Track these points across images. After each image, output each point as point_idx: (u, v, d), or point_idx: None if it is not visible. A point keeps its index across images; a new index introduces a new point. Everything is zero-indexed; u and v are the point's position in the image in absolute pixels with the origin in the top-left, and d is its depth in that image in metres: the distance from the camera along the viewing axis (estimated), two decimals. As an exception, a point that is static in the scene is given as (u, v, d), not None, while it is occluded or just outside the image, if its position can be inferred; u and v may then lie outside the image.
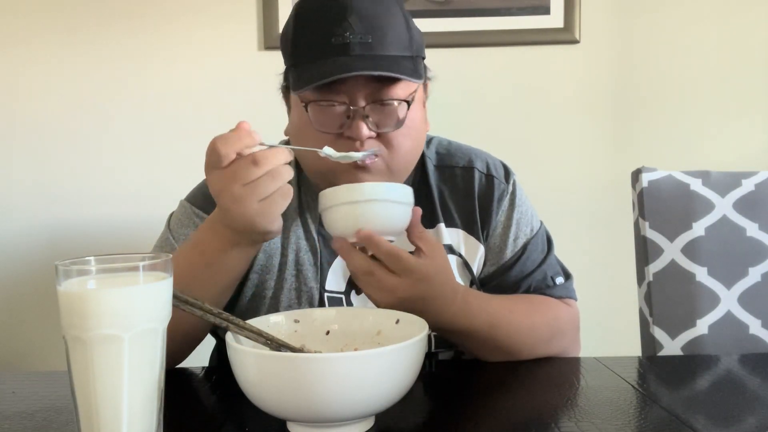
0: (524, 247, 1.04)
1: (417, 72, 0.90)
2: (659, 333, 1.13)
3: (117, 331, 0.57)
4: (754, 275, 1.12)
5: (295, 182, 1.00)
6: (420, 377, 0.71)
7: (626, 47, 1.75)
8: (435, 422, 0.76)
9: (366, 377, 0.64)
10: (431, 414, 0.80)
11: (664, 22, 1.74)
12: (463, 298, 0.88)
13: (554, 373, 0.92)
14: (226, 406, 0.80)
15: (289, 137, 1.00)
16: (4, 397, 0.83)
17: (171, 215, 1.04)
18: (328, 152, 0.86)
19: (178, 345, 0.89)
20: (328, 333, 0.82)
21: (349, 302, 1.00)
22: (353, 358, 0.65)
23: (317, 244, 1.00)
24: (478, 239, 1.03)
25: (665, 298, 1.13)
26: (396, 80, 0.89)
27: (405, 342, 0.67)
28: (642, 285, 1.18)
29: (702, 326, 1.11)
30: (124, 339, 0.57)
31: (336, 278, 1.01)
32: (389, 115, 0.91)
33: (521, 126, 1.77)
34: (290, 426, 0.70)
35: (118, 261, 0.62)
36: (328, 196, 0.83)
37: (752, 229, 1.14)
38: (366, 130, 0.89)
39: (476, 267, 1.04)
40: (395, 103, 0.90)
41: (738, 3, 1.73)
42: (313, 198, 0.89)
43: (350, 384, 0.64)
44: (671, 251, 1.14)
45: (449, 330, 0.89)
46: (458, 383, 0.89)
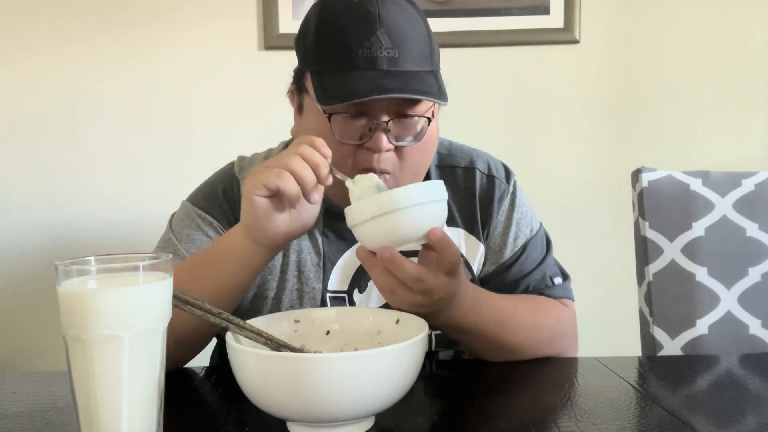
0: (524, 247, 1.04)
1: (442, 92, 0.89)
2: (659, 333, 1.13)
3: (117, 331, 0.57)
4: (754, 275, 1.13)
5: None
6: (420, 377, 0.71)
7: (626, 47, 1.75)
8: (435, 422, 0.76)
9: (366, 377, 0.64)
10: (431, 414, 0.80)
11: (664, 22, 1.74)
12: (473, 294, 0.88)
13: (554, 373, 0.92)
14: (227, 406, 0.80)
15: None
16: (4, 397, 0.83)
17: (173, 216, 1.04)
18: (348, 183, 0.81)
19: (180, 350, 0.89)
20: (328, 333, 0.82)
21: (352, 301, 1.00)
22: (353, 358, 0.65)
23: (320, 245, 1.00)
24: (479, 239, 1.04)
25: (665, 298, 1.14)
26: (420, 99, 0.89)
27: (405, 342, 0.67)
28: (642, 285, 1.18)
29: (702, 326, 1.11)
30: (124, 339, 0.57)
31: (339, 278, 1.01)
32: (409, 129, 0.91)
33: (521, 126, 1.77)
34: (290, 426, 0.70)
35: (118, 261, 0.62)
36: (356, 212, 0.76)
37: (752, 229, 1.14)
38: (386, 143, 0.89)
39: (476, 266, 1.04)
40: (416, 118, 0.91)
41: (737, 3, 1.73)
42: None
43: (350, 384, 0.64)
44: (671, 251, 1.14)
45: (458, 327, 0.89)
46: (458, 383, 0.89)
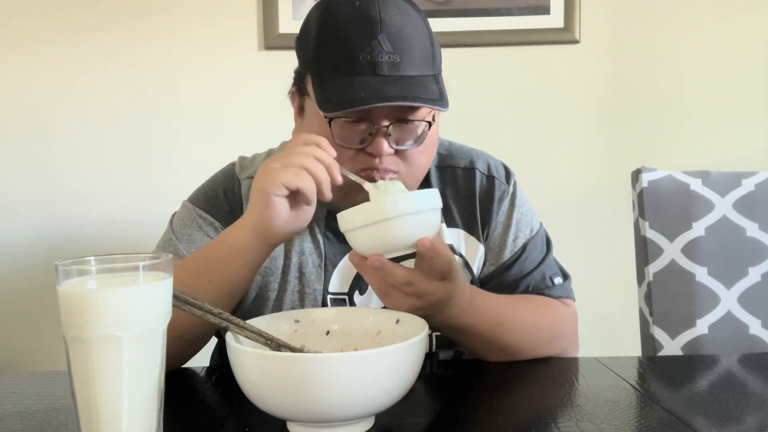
0: (524, 247, 1.04)
1: (443, 98, 0.89)
2: (659, 333, 1.13)
3: (117, 331, 0.57)
4: (754, 275, 1.13)
5: None
6: (420, 377, 0.71)
7: (626, 47, 1.75)
8: (435, 422, 0.76)
9: (366, 377, 0.64)
10: (431, 414, 0.80)
11: (664, 22, 1.74)
12: (471, 295, 0.89)
13: (554, 373, 0.92)
14: (227, 406, 0.80)
15: None
16: (4, 397, 0.83)
17: (173, 216, 1.04)
18: (368, 187, 0.83)
19: (180, 348, 0.89)
20: (328, 333, 0.82)
21: (352, 303, 1.00)
22: (353, 358, 0.65)
23: (322, 247, 1.00)
24: (479, 239, 1.04)
25: (665, 298, 1.14)
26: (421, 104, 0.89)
27: (405, 342, 0.67)
28: (642, 285, 1.18)
29: (702, 326, 1.11)
30: (124, 339, 0.57)
31: (340, 279, 1.01)
32: (410, 133, 0.91)
33: (521, 126, 1.77)
34: (290, 426, 0.70)
35: (118, 261, 0.62)
36: (349, 218, 0.77)
37: (752, 229, 1.14)
38: (387, 147, 0.89)
39: (476, 267, 1.04)
40: (416, 124, 0.91)
41: (738, 4, 1.73)
42: (319, 201, 0.89)
43: (350, 384, 0.64)
44: (671, 251, 1.14)
45: (455, 327, 0.89)
46: (458, 383, 0.89)
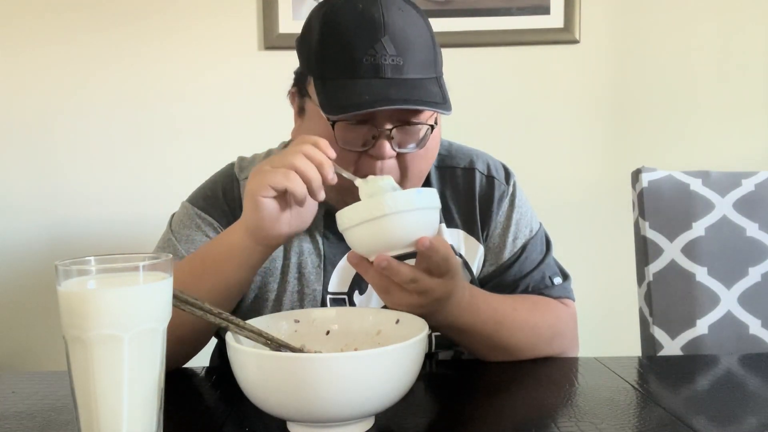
0: (523, 248, 1.04)
1: (446, 101, 0.89)
2: (659, 333, 1.13)
3: (117, 331, 0.57)
4: (754, 275, 1.13)
5: None
6: (420, 377, 0.71)
7: (626, 47, 1.75)
8: (435, 422, 0.76)
9: (366, 377, 0.64)
10: (431, 414, 0.80)
11: (664, 22, 1.74)
12: (470, 294, 0.89)
13: (554, 373, 0.92)
14: (227, 406, 0.80)
15: None
16: (4, 397, 0.83)
17: (173, 216, 1.04)
18: (358, 183, 0.82)
19: (180, 349, 0.89)
20: (328, 333, 0.82)
21: (352, 303, 1.00)
22: (353, 358, 0.65)
23: (321, 247, 1.00)
24: (478, 240, 1.04)
25: (665, 298, 1.14)
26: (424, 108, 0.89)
27: (405, 342, 0.67)
28: (642, 285, 1.18)
29: (702, 326, 1.11)
30: (124, 339, 0.57)
31: (340, 279, 1.01)
32: (412, 136, 0.91)
33: (521, 126, 1.77)
34: (290, 426, 0.70)
35: (118, 261, 0.62)
36: (347, 216, 0.77)
37: (752, 229, 1.14)
38: (390, 150, 0.89)
39: (476, 267, 1.04)
40: (419, 125, 0.91)
41: (738, 3, 1.73)
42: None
43: (350, 384, 0.64)
44: (671, 251, 1.14)
45: (455, 327, 0.89)
46: (458, 383, 0.89)
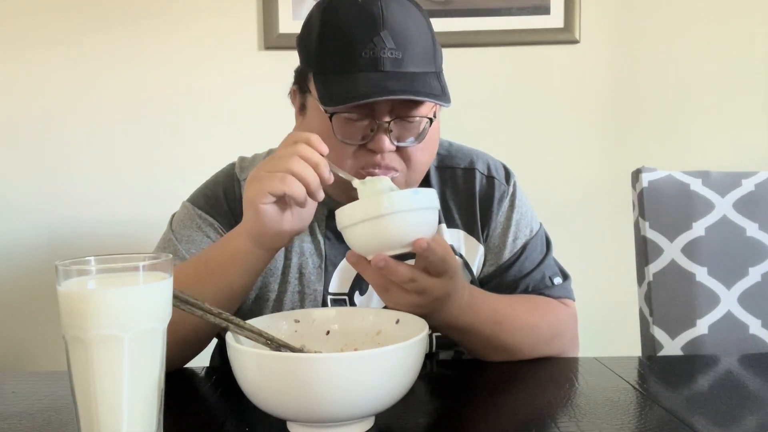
0: (523, 248, 1.04)
1: (445, 93, 0.89)
2: (659, 333, 1.13)
3: (117, 331, 0.57)
4: (754, 275, 1.12)
5: None
6: (420, 377, 0.71)
7: (626, 47, 1.75)
8: (435, 422, 0.76)
9: (366, 377, 0.64)
10: (431, 414, 0.79)
11: (664, 22, 1.74)
12: (470, 294, 0.89)
13: (554, 373, 0.92)
14: (227, 406, 0.80)
15: None
16: (4, 397, 0.83)
17: (173, 216, 1.04)
18: (356, 183, 0.82)
19: (180, 350, 0.89)
20: (328, 333, 0.82)
21: (353, 303, 1.00)
22: (353, 358, 0.65)
23: (322, 247, 1.00)
24: (478, 240, 1.04)
25: (665, 298, 1.13)
26: (422, 101, 0.89)
27: (405, 342, 0.67)
28: (642, 285, 1.18)
29: (702, 326, 1.11)
30: (124, 339, 0.57)
31: (340, 280, 1.01)
32: (411, 130, 0.91)
33: (521, 126, 1.77)
34: (290, 426, 0.70)
35: (118, 261, 0.62)
36: (346, 214, 0.77)
37: (752, 229, 1.14)
38: (389, 144, 0.89)
39: (476, 268, 1.04)
40: (417, 120, 0.91)
41: (738, 3, 1.73)
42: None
43: (350, 384, 0.64)
44: (671, 251, 1.14)
45: (455, 326, 0.89)
46: (458, 383, 0.89)
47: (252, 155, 1.08)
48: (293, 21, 1.70)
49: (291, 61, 0.98)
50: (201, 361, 0.98)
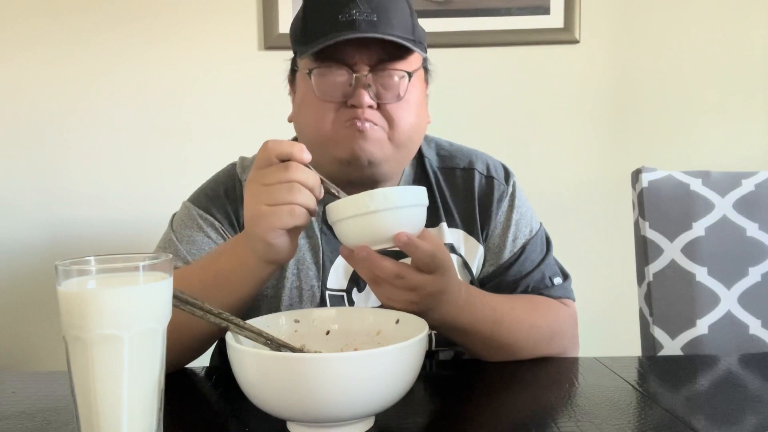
0: (523, 248, 1.04)
1: (421, 44, 0.93)
2: (659, 333, 1.13)
3: (117, 331, 0.57)
4: (754, 275, 1.13)
5: None
6: (420, 377, 0.71)
7: (626, 47, 1.75)
8: (435, 422, 0.76)
9: (366, 377, 0.64)
10: (431, 414, 0.79)
11: (664, 22, 1.74)
12: (468, 293, 0.89)
13: (554, 373, 0.92)
14: (227, 406, 0.80)
15: (293, 120, 1.01)
16: (4, 397, 0.83)
17: (173, 216, 1.04)
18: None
19: (180, 352, 0.89)
20: (328, 333, 0.82)
21: (351, 300, 1.00)
22: (353, 358, 0.65)
23: (319, 242, 1.00)
24: (478, 240, 1.04)
25: (665, 298, 1.14)
26: (399, 55, 0.92)
27: (405, 342, 0.67)
28: (642, 285, 1.18)
29: (702, 326, 1.11)
30: (124, 339, 0.57)
31: (338, 276, 1.01)
32: (390, 89, 0.93)
33: (521, 126, 1.77)
34: (290, 426, 0.70)
35: (118, 261, 0.62)
36: (335, 210, 0.78)
37: (752, 229, 1.14)
38: (368, 98, 0.91)
39: (476, 267, 1.04)
40: (396, 77, 0.93)
41: (738, 3, 1.73)
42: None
43: (350, 384, 0.64)
44: (671, 251, 1.14)
45: (453, 325, 0.89)
46: (458, 383, 0.89)
47: (253, 155, 1.08)
48: (293, 21, 1.70)
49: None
50: (201, 361, 0.98)
